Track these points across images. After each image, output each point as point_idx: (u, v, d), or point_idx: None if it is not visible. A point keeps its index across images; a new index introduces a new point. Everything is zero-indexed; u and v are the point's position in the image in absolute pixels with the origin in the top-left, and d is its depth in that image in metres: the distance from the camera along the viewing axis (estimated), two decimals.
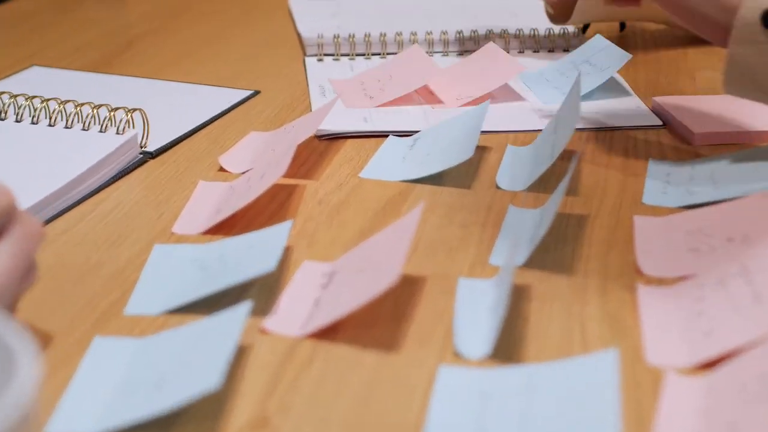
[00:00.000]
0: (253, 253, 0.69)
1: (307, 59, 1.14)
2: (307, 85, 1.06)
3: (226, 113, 0.99)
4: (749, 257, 0.66)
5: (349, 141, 0.92)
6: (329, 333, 0.63)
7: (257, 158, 0.87)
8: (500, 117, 0.95)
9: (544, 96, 1.01)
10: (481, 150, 0.89)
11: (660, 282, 0.68)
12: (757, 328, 0.59)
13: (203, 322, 0.62)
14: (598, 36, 1.06)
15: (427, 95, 1.01)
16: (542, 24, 1.17)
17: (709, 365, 0.59)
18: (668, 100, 0.97)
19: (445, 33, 1.15)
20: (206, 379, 0.55)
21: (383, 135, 0.92)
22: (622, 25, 1.24)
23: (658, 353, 0.61)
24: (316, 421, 0.56)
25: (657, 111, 0.97)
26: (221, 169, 0.87)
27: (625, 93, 1.02)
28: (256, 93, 1.04)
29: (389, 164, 0.86)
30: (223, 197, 0.80)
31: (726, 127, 0.91)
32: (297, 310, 0.65)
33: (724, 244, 0.71)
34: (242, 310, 0.60)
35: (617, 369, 0.57)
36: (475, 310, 0.65)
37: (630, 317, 0.65)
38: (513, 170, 0.85)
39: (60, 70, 1.11)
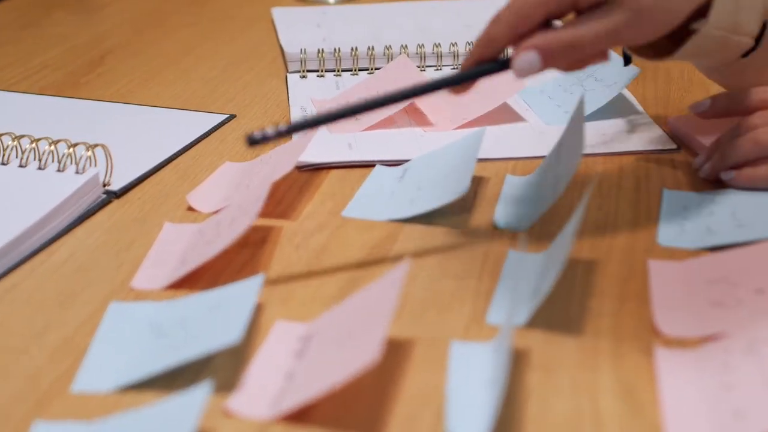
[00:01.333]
0: (218, 317, 0.61)
1: (290, 76, 1.06)
2: (289, 106, 0.98)
3: (199, 141, 0.90)
4: None
5: (333, 171, 0.84)
6: (302, 415, 0.55)
7: (230, 195, 0.79)
8: (498, 141, 0.87)
9: (546, 115, 0.92)
10: (477, 181, 0.81)
11: (680, 343, 0.60)
12: None
13: (156, 407, 0.54)
14: None
15: (418, 117, 0.93)
16: None
17: None
18: (686, 120, 0.88)
19: (438, 46, 1.06)
20: None
21: (370, 165, 0.84)
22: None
23: None
24: None
25: (672, 132, 0.88)
26: (190, 208, 0.79)
27: (635, 111, 0.93)
28: (232, 117, 0.95)
29: (376, 200, 0.78)
30: (189, 243, 0.72)
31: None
32: (266, 385, 0.57)
33: (753, 296, 0.62)
34: (200, 393, 0.53)
35: None
36: (470, 382, 0.57)
37: (648, 388, 0.56)
38: (513, 207, 0.76)
39: (20, 95, 1.03)
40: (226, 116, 0.95)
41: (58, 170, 0.80)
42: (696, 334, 0.61)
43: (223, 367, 0.59)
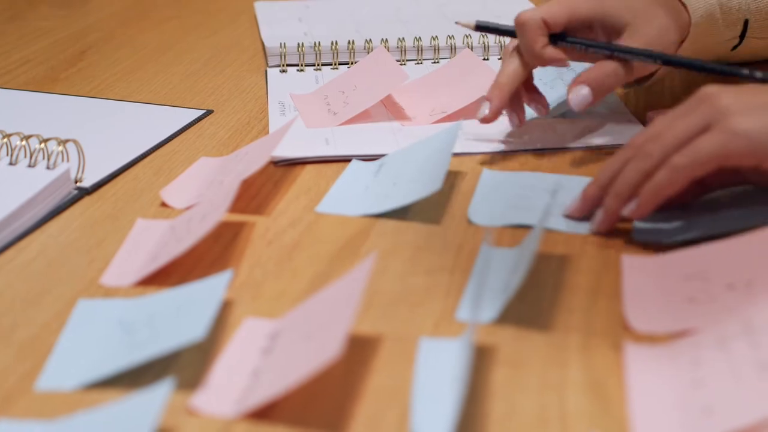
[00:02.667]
0: (185, 314, 0.60)
1: (269, 70, 1.05)
2: (267, 101, 0.97)
3: (175, 136, 0.90)
4: (754, 312, 0.57)
5: (308, 166, 0.83)
6: (267, 412, 0.54)
7: (204, 191, 0.78)
8: (476, 136, 0.86)
9: (525, 109, 0.92)
10: (453, 175, 0.80)
11: (651, 339, 0.60)
12: (763, 407, 0.51)
13: (118, 405, 0.54)
14: None
15: (396, 111, 0.92)
16: None
17: None
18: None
19: (418, 39, 1.06)
20: None
21: (346, 159, 0.83)
22: None
23: None
24: None
25: None
26: (164, 204, 0.78)
27: (615, 106, 0.92)
28: (209, 112, 0.95)
29: (350, 195, 0.77)
30: (161, 240, 0.71)
31: None
32: (232, 383, 0.57)
33: (725, 292, 0.62)
34: (162, 390, 0.52)
35: None
36: (437, 380, 0.56)
37: (617, 384, 0.56)
38: (488, 202, 0.76)
39: None
40: (204, 111, 0.95)
41: (29, 165, 0.79)
42: (667, 330, 0.60)
43: (190, 365, 0.59)
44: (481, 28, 0.82)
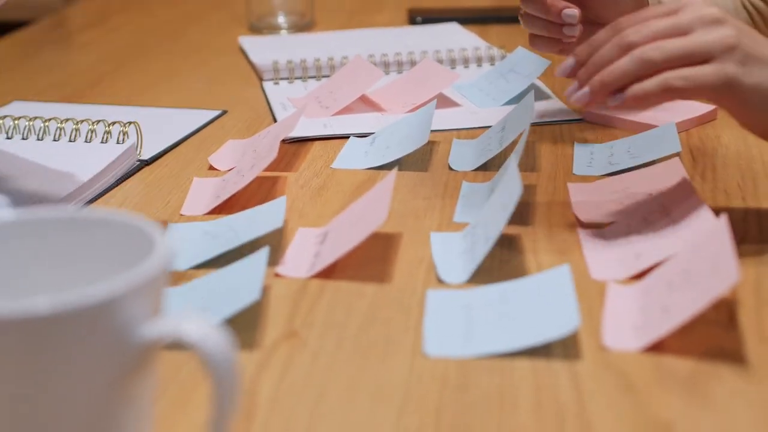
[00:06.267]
0: (259, 217, 0.83)
1: (265, 83, 1.28)
2: (269, 104, 1.20)
3: (201, 129, 1.12)
4: (666, 197, 0.82)
5: (315, 143, 1.06)
6: (331, 274, 0.77)
7: (241, 158, 1.00)
8: (443, 119, 1.11)
9: (478, 101, 1.16)
10: (431, 144, 1.04)
11: (596, 226, 0.83)
12: (675, 246, 0.75)
13: (232, 267, 0.75)
14: (519, 48, 1.22)
15: (375, 106, 1.16)
16: (470, 44, 1.33)
17: (640, 276, 0.74)
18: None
19: (385, 55, 1.30)
20: (247, 294, 0.68)
21: (344, 137, 1.07)
22: None
23: (599, 271, 0.76)
24: (334, 332, 0.69)
25: (576, 108, 1.13)
26: (211, 168, 1.00)
27: (547, 96, 1.18)
28: (224, 112, 1.17)
29: (355, 158, 1.01)
30: (218, 187, 0.93)
31: (642, 118, 1.07)
32: (302, 259, 0.79)
33: (645, 196, 0.86)
34: (262, 254, 0.74)
35: (571, 278, 0.71)
36: (448, 253, 0.79)
37: (574, 251, 0.79)
38: (462, 155, 1.00)
39: (41, 103, 1.23)
40: (220, 111, 1.17)
41: (102, 142, 1.01)
42: (606, 219, 0.84)
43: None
44: None
